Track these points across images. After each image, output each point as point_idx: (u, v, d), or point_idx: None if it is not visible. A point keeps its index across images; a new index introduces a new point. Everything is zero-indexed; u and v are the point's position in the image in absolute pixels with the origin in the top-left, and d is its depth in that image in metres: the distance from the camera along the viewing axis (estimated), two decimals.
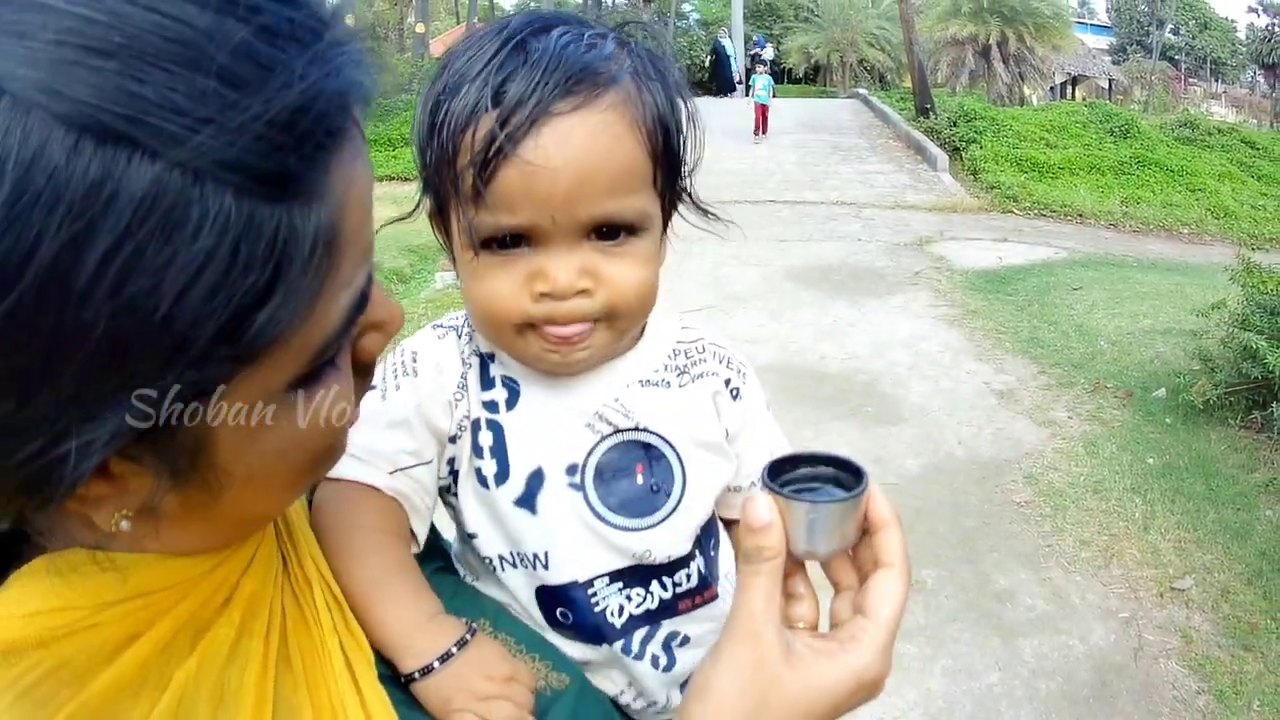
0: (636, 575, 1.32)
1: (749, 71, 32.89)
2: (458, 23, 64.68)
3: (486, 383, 1.30)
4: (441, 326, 1.38)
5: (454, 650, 1.10)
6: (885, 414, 8.36)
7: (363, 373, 0.90)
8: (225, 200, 0.59)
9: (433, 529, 1.34)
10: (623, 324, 1.25)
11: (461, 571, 1.38)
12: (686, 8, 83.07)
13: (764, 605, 0.97)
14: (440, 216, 1.24)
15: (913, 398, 8.73)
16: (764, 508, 0.98)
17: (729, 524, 1.48)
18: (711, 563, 1.41)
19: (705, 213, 1.34)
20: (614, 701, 1.38)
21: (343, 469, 1.19)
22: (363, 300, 0.78)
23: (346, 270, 0.73)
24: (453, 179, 1.15)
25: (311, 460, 0.84)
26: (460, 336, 1.35)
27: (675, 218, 1.33)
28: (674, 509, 1.31)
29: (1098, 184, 21.80)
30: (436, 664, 1.09)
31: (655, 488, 1.31)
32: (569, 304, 1.18)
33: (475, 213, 1.14)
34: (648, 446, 1.31)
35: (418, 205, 1.28)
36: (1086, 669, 5.04)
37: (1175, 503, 6.69)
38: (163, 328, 0.59)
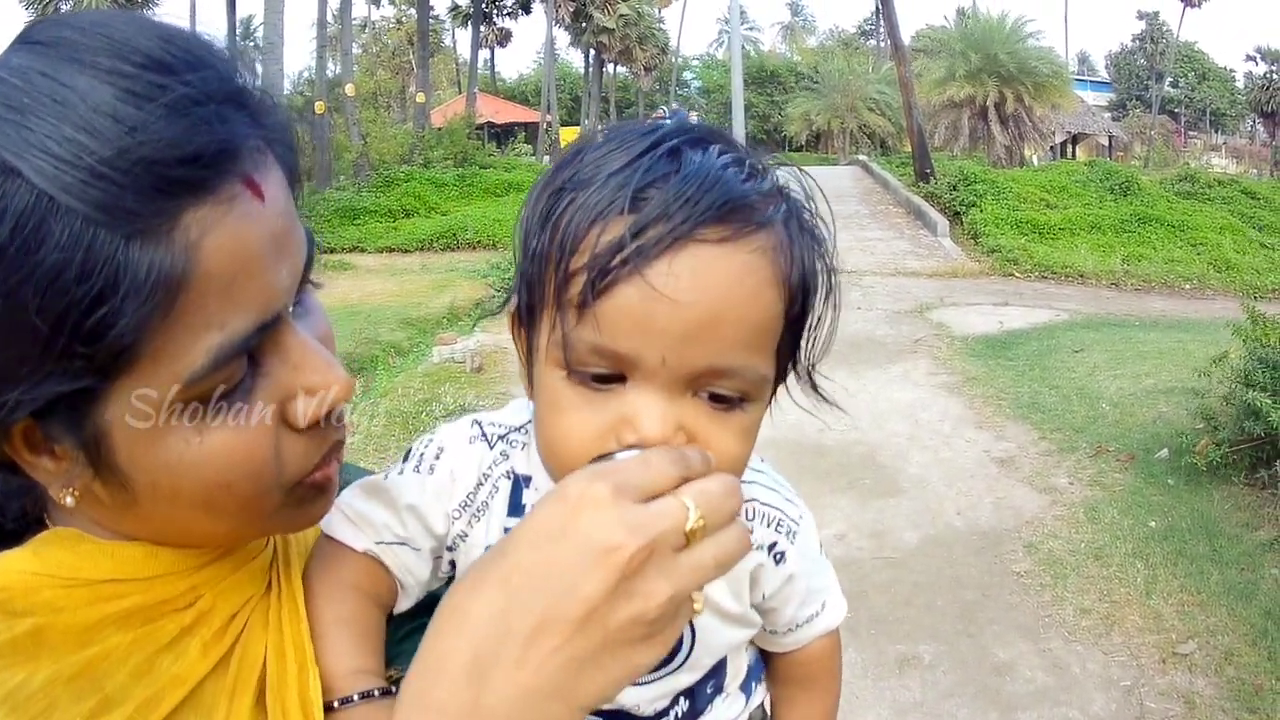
0: (618, 715, 1.26)
1: None
2: (459, 92, 65.35)
3: (515, 508, 1.21)
4: (478, 427, 1.25)
5: (354, 698, 1.09)
6: (884, 486, 8.36)
7: (314, 433, 0.98)
8: (75, 224, 0.75)
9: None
10: None
11: None
12: (688, 75, 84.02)
13: None
14: (527, 320, 1.07)
15: (912, 468, 8.72)
16: None
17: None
18: (701, 696, 1.30)
19: (816, 392, 1.18)
20: None
21: (332, 524, 1.19)
22: (244, 348, 0.87)
23: (210, 311, 0.83)
24: (560, 281, 0.98)
25: (220, 489, 0.92)
26: (493, 448, 1.23)
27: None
28: (674, 670, 1.23)
29: (1099, 243, 21.89)
30: (335, 704, 1.08)
31: None
32: None
33: (576, 325, 0.97)
34: None
35: (507, 300, 1.11)
36: None
37: (1178, 565, 6.63)
38: (38, 317, 0.76)
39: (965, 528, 7.48)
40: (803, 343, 1.09)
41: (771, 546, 1.23)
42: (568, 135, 55.39)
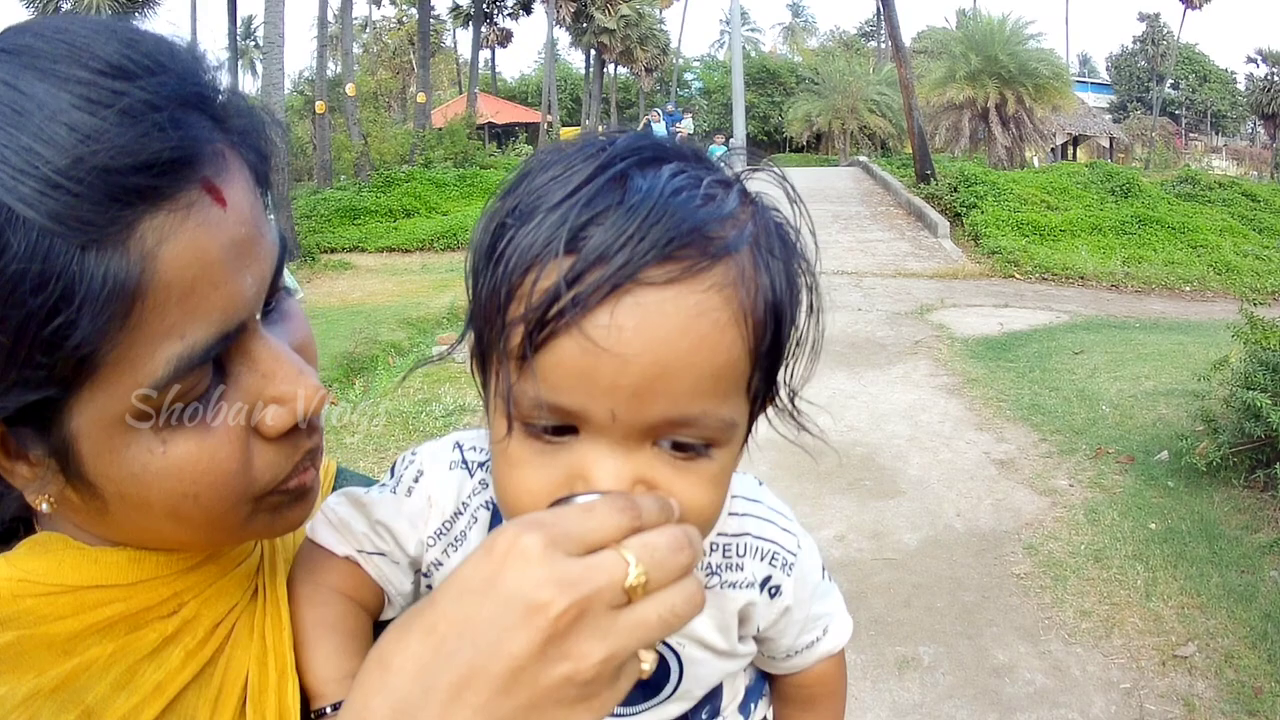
0: None
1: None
2: (460, 92, 65.39)
3: None
4: (459, 451, 1.20)
5: (339, 706, 1.06)
6: (884, 487, 8.35)
7: (287, 441, 0.97)
8: (33, 234, 0.74)
9: None
10: None
11: None
12: (689, 76, 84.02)
13: None
14: (481, 362, 0.98)
15: (912, 470, 8.72)
16: None
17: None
18: None
19: (800, 426, 1.07)
20: None
21: (316, 528, 1.17)
22: (205, 358, 0.86)
23: (170, 320, 0.82)
24: (499, 330, 0.90)
25: (186, 499, 0.91)
26: (473, 476, 1.18)
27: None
28: (663, 700, 1.20)
29: (1099, 245, 21.89)
30: (329, 710, 1.07)
31: (645, 681, 1.12)
32: None
33: (517, 379, 0.89)
34: None
35: (461, 339, 1.01)
36: None
37: (1178, 568, 6.63)
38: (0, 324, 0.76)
39: (965, 529, 7.48)
40: (780, 373, 1.00)
41: (765, 581, 1.18)
42: (569, 136, 55.42)
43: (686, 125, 31.05)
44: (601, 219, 0.85)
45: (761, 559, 1.17)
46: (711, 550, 1.14)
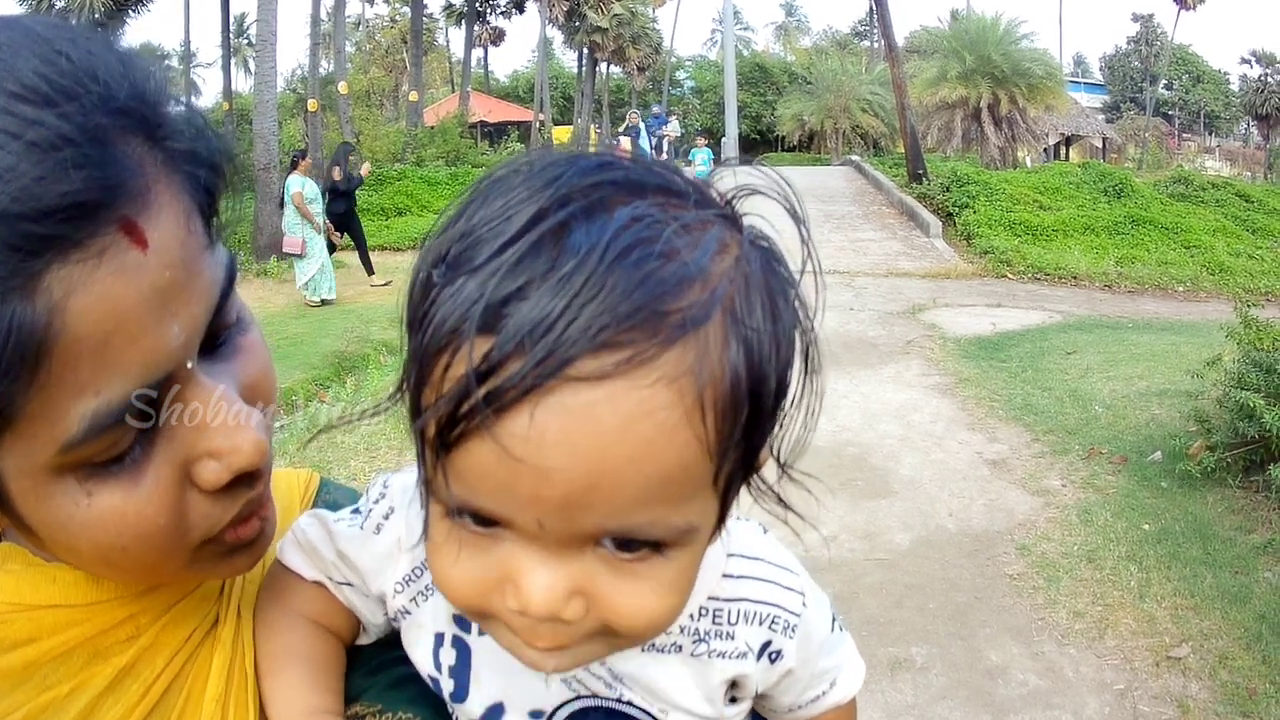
0: None
1: (659, 151, 30.08)
2: (452, 91, 65.46)
3: None
4: None
5: None
6: (876, 487, 8.32)
7: (225, 495, 0.91)
8: None
9: None
10: (624, 644, 0.88)
11: None
12: (681, 75, 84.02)
13: None
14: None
15: (904, 470, 8.70)
16: None
17: None
18: None
19: (787, 507, 0.92)
20: None
21: (285, 550, 1.12)
22: (122, 415, 0.79)
23: (82, 376, 0.74)
24: (412, 411, 0.77)
25: (115, 551, 0.85)
26: None
27: None
28: None
29: (1092, 245, 21.94)
30: None
31: None
32: (548, 626, 0.80)
33: (435, 473, 0.77)
34: (630, 718, 1.05)
35: (399, 390, 0.80)
36: None
37: (1171, 569, 6.60)
38: None
39: (957, 530, 7.45)
40: (761, 453, 0.83)
41: (765, 647, 1.04)
42: (560, 135, 55.48)
43: (673, 128, 30.40)
44: (527, 291, 0.69)
45: (760, 624, 1.04)
46: (700, 615, 1.01)
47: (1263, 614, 5.93)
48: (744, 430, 0.76)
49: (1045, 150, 49.48)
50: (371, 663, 1.14)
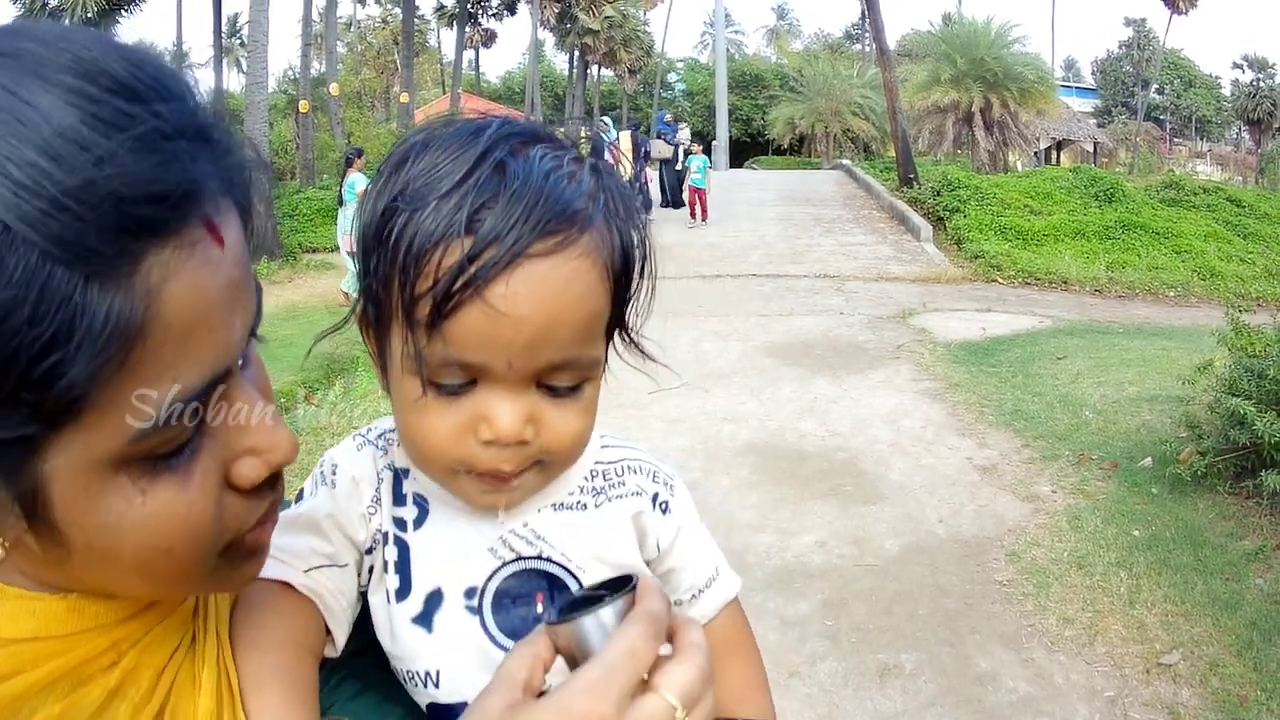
0: None
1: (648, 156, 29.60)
2: (443, 93, 65.51)
3: (398, 498, 1.28)
4: (361, 437, 1.34)
5: None
6: (865, 493, 8.30)
7: (255, 494, 0.94)
8: (32, 257, 0.67)
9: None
10: (556, 470, 1.21)
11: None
12: (672, 78, 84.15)
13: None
14: (376, 328, 1.14)
15: (893, 475, 8.67)
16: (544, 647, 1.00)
17: None
18: None
19: (643, 353, 1.25)
20: None
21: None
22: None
23: (164, 364, 0.77)
24: (407, 302, 1.05)
25: (160, 553, 0.86)
26: (376, 448, 1.31)
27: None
28: None
29: (1083, 249, 21.94)
30: None
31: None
32: (511, 450, 1.12)
33: (427, 343, 1.05)
34: (551, 575, 1.28)
35: (352, 311, 1.17)
36: None
37: (1162, 575, 6.59)
38: None
39: (947, 535, 7.43)
40: (627, 312, 1.19)
41: (655, 497, 1.34)
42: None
43: (685, 135, 30.46)
44: (491, 204, 1.03)
45: (643, 475, 1.35)
46: (593, 476, 1.32)
47: (1254, 621, 5.92)
48: (623, 289, 1.15)
49: (1036, 155, 49.55)
50: (334, 677, 1.22)
